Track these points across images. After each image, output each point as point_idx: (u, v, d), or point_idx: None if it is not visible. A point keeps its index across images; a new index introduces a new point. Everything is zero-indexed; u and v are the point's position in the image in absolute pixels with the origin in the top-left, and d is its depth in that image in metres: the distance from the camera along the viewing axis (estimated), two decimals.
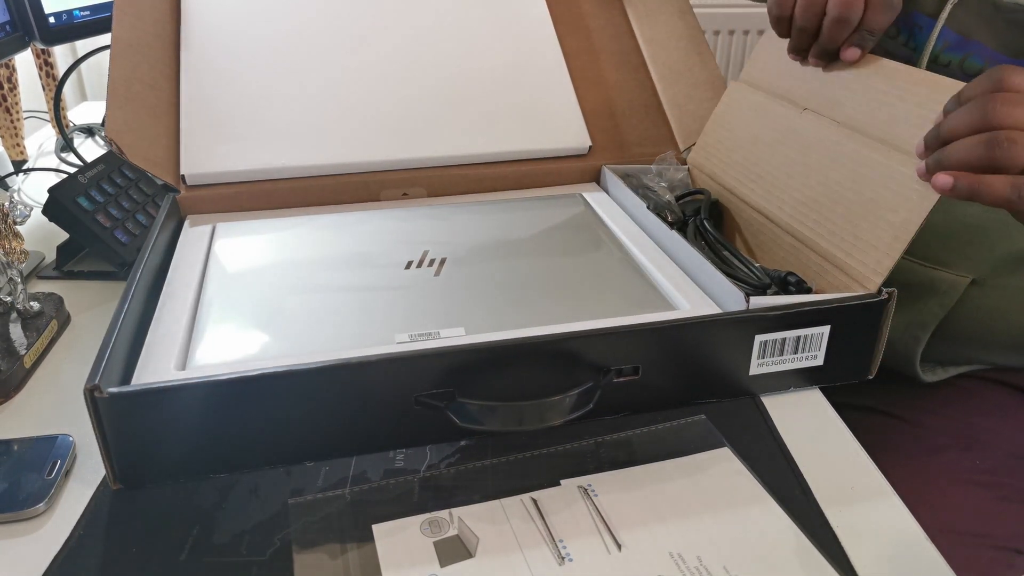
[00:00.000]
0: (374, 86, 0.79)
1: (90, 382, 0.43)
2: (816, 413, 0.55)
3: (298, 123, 0.75)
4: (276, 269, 0.61)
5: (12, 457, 0.50)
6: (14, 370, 0.57)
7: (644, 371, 0.52)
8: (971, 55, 0.59)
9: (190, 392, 0.45)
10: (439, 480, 0.48)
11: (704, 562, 0.43)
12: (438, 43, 0.84)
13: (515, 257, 0.63)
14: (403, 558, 0.43)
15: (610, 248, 0.64)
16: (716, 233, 0.66)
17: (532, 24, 0.87)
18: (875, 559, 0.43)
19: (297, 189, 0.73)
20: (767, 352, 0.54)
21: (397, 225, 0.68)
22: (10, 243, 0.62)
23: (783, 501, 0.47)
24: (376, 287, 0.58)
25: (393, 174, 0.75)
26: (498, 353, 0.49)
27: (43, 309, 0.64)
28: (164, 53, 0.77)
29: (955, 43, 0.60)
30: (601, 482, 0.48)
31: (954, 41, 0.60)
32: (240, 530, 0.45)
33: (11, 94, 1.05)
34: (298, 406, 0.47)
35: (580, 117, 0.80)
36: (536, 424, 0.49)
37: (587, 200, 0.73)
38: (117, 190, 0.77)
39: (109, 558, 0.43)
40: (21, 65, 1.09)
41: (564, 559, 0.43)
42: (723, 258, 0.64)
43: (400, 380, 0.48)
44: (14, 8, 0.86)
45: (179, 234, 0.67)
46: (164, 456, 0.47)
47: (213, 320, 0.54)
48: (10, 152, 1.06)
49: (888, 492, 0.48)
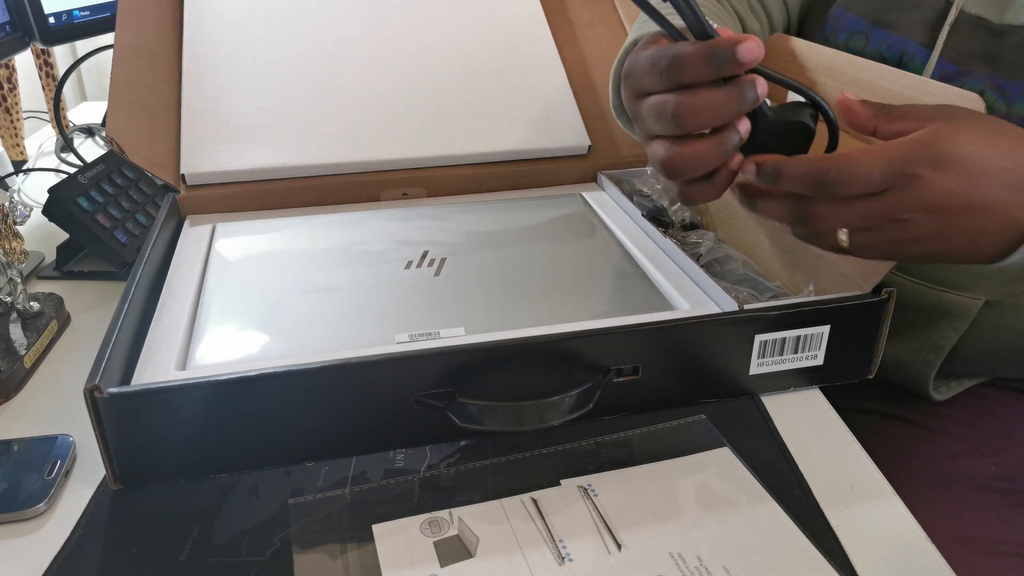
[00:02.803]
0: (374, 86, 0.79)
1: (90, 382, 0.43)
2: (816, 413, 0.55)
3: (298, 123, 0.75)
4: (276, 269, 0.61)
5: (12, 457, 0.50)
6: (14, 370, 0.57)
7: (644, 371, 0.52)
8: (966, 83, 0.59)
9: (190, 392, 0.45)
10: (439, 480, 0.48)
11: (704, 562, 0.43)
12: (437, 43, 0.84)
13: (515, 257, 0.63)
14: (403, 558, 0.43)
15: (610, 248, 0.64)
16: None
17: (529, 26, 0.87)
18: (875, 559, 0.43)
19: (297, 189, 0.73)
20: (767, 352, 0.54)
21: (397, 225, 0.68)
22: (10, 243, 0.62)
23: (783, 501, 0.47)
24: (376, 287, 0.58)
25: (393, 174, 0.75)
26: (498, 353, 0.49)
27: (43, 309, 0.64)
28: (166, 59, 0.77)
29: (952, 74, 0.59)
30: (601, 482, 0.48)
31: (951, 72, 0.59)
32: (240, 530, 0.45)
33: (11, 94, 1.05)
34: (298, 406, 0.47)
35: (579, 117, 0.80)
36: (536, 424, 0.49)
37: (587, 200, 0.73)
38: (117, 190, 0.77)
39: (109, 558, 0.43)
40: (21, 65, 1.09)
41: (564, 559, 0.43)
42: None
43: (400, 380, 0.48)
44: (14, 8, 0.86)
45: (179, 234, 0.67)
46: (164, 456, 0.47)
47: (213, 320, 0.54)
48: (10, 152, 1.06)
49: (888, 492, 0.48)
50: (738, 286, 0.62)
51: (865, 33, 0.64)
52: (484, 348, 0.48)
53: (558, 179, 0.79)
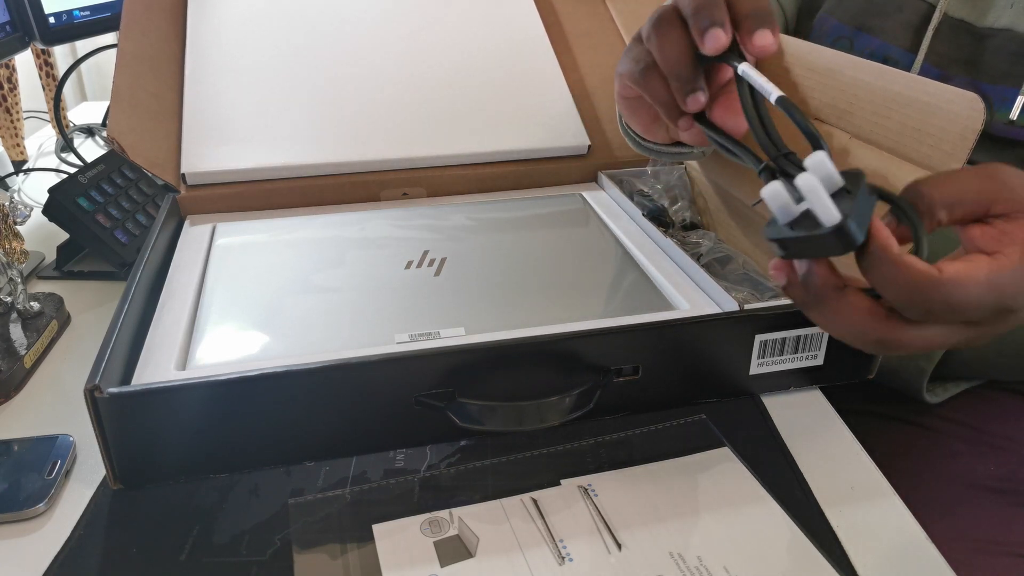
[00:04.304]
0: (374, 86, 0.79)
1: (90, 382, 0.43)
2: (816, 413, 0.55)
3: (299, 123, 0.75)
4: (276, 269, 0.61)
5: (12, 457, 0.50)
6: (14, 370, 0.57)
7: (644, 371, 0.52)
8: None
9: (190, 392, 0.45)
10: (439, 480, 0.48)
11: (704, 562, 0.43)
12: (437, 43, 0.84)
13: (515, 257, 0.63)
14: (403, 558, 0.43)
15: (610, 248, 0.64)
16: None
17: (527, 28, 0.87)
18: (875, 559, 0.43)
19: (297, 189, 0.73)
20: (767, 352, 0.54)
21: (397, 225, 0.68)
22: (10, 243, 0.62)
23: (783, 501, 0.47)
24: (376, 287, 0.58)
25: (393, 174, 0.75)
26: (498, 353, 0.49)
27: (43, 309, 0.64)
28: (168, 67, 0.78)
29: (936, 78, 0.59)
30: (601, 482, 0.48)
31: (935, 76, 0.59)
32: (240, 530, 0.45)
33: (11, 94, 1.05)
34: (298, 406, 0.47)
35: (578, 117, 0.80)
36: (536, 424, 0.49)
37: (587, 200, 0.73)
38: (117, 190, 0.77)
39: (109, 558, 0.43)
40: (21, 65, 1.09)
41: (564, 559, 0.43)
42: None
43: (400, 380, 0.48)
44: (14, 8, 0.86)
45: (179, 234, 0.67)
46: (164, 456, 0.47)
47: (213, 320, 0.54)
48: (10, 152, 1.06)
49: (888, 492, 0.48)
50: (738, 286, 0.61)
51: (849, 39, 0.64)
52: (484, 348, 0.48)
53: (558, 179, 0.79)
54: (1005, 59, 0.55)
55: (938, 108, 0.51)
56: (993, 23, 0.56)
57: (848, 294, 0.35)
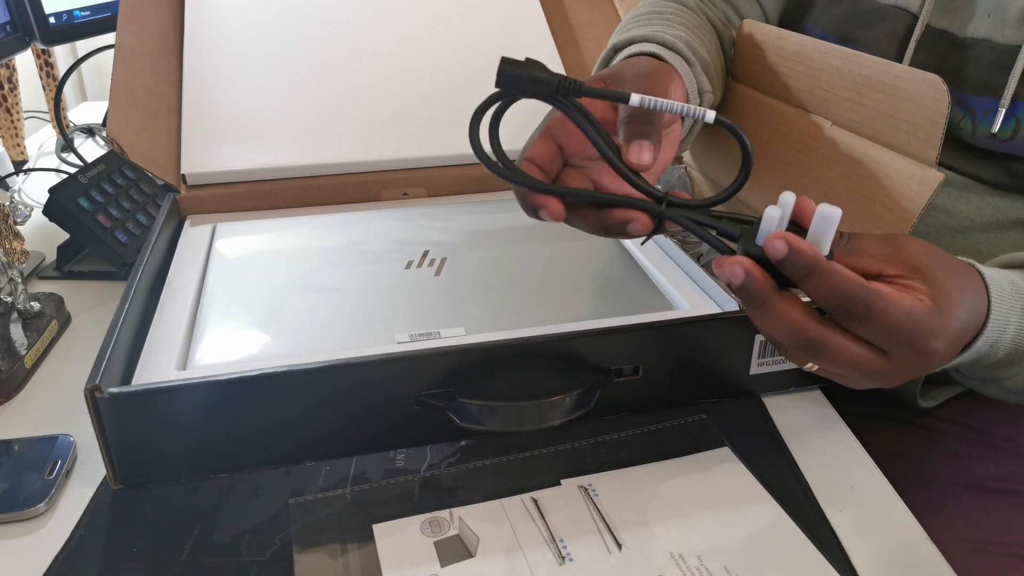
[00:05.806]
0: (374, 86, 0.79)
1: (90, 382, 0.43)
2: (816, 413, 0.55)
3: (298, 123, 0.75)
4: (276, 269, 0.61)
5: (12, 457, 0.50)
6: (14, 370, 0.57)
7: (644, 371, 0.52)
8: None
9: (190, 392, 0.45)
10: (439, 480, 0.48)
11: (704, 562, 0.43)
12: (437, 43, 0.84)
13: (515, 257, 0.63)
14: (403, 558, 0.43)
15: (610, 248, 0.64)
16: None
17: (529, 26, 0.87)
18: (875, 559, 0.43)
19: (297, 189, 0.73)
20: (767, 351, 0.54)
21: (397, 225, 0.68)
22: (10, 243, 0.62)
23: (783, 501, 0.47)
24: (376, 287, 0.58)
25: (393, 174, 0.75)
26: (498, 353, 0.49)
27: (43, 309, 0.64)
28: (167, 61, 0.77)
29: None
30: (601, 482, 0.48)
31: None
32: (240, 530, 0.45)
33: (11, 94, 1.05)
34: (298, 406, 0.47)
35: None
36: (536, 424, 0.49)
37: None
38: (117, 190, 0.77)
39: (109, 558, 0.43)
40: (21, 65, 1.09)
41: (564, 559, 0.43)
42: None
43: (400, 380, 0.48)
44: (14, 8, 0.86)
45: (179, 234, 0.67)
46: (164, 456, 0.47)
47: (213, 320, 0.54)
48: (10, 152, 1.06)
49: (888, 492, 0.48)
50: None
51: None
52: (484, 348, 0.48)
53: None
54: (984, 70, 0.55)
55: (906, 93, 0.51)
56: (973, 33, 0.56)
57: (786, 296, 0.38)
